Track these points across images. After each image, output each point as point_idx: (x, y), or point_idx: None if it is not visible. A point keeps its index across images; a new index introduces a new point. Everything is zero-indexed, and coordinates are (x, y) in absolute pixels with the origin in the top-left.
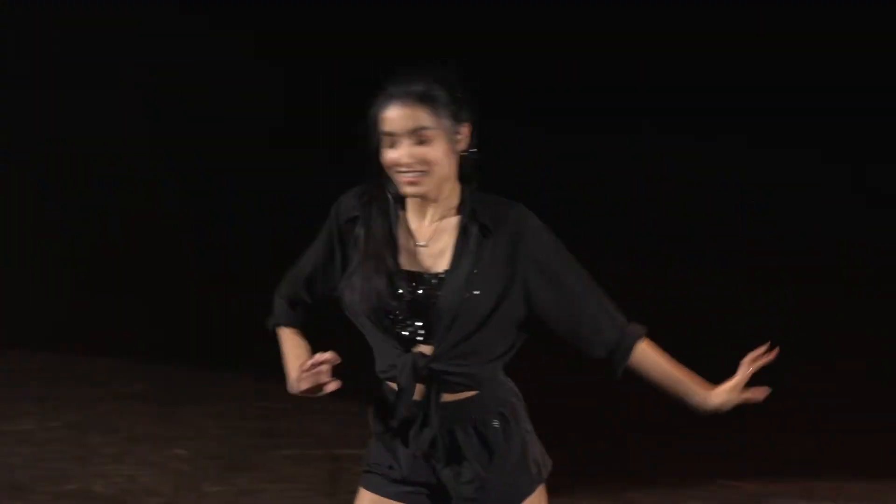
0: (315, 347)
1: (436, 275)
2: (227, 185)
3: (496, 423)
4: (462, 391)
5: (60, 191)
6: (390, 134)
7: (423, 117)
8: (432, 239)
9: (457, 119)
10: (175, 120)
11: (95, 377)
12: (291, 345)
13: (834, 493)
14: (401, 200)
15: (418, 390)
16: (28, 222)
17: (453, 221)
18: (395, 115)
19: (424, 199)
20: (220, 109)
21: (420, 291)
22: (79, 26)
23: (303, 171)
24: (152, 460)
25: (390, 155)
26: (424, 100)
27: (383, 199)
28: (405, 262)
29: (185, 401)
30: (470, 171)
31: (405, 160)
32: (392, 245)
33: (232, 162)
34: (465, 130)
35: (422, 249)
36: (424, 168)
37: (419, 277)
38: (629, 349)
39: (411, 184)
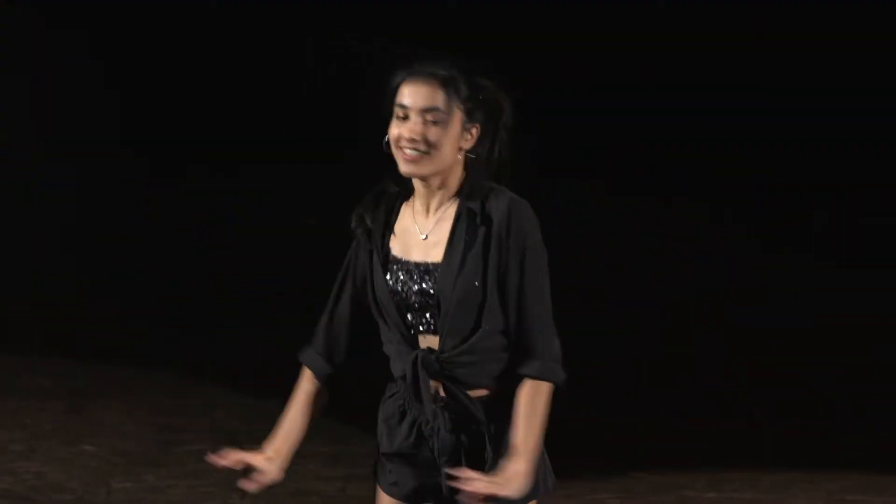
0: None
1: (435, 265)
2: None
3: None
4: (474, 389)
5: None
6: (404, 107)
7: (440, 99)
8: (433, 230)
9: (470, 116)
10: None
11: (1, 373)
12: (291, 414)
13: (741, 485)
14: (407, 196)
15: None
16: None
17: (452, 212)
18: (414, 90)
19: (425, 184)
20: None
21: (423, 283)
22: None
23: None
24: (60, 457)
25: (398, 128)
26: (446, 84)
27: (388, 196)
28: (412, 255)
29: (93, 396)
30: (481, 177)
31: (410, 135)
32: (390, 239)
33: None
34: (474, 131)
35: (423, 241)
36: (426, 148)
37: (423, 268)
38: (541, 377)
39: (411, 161)
